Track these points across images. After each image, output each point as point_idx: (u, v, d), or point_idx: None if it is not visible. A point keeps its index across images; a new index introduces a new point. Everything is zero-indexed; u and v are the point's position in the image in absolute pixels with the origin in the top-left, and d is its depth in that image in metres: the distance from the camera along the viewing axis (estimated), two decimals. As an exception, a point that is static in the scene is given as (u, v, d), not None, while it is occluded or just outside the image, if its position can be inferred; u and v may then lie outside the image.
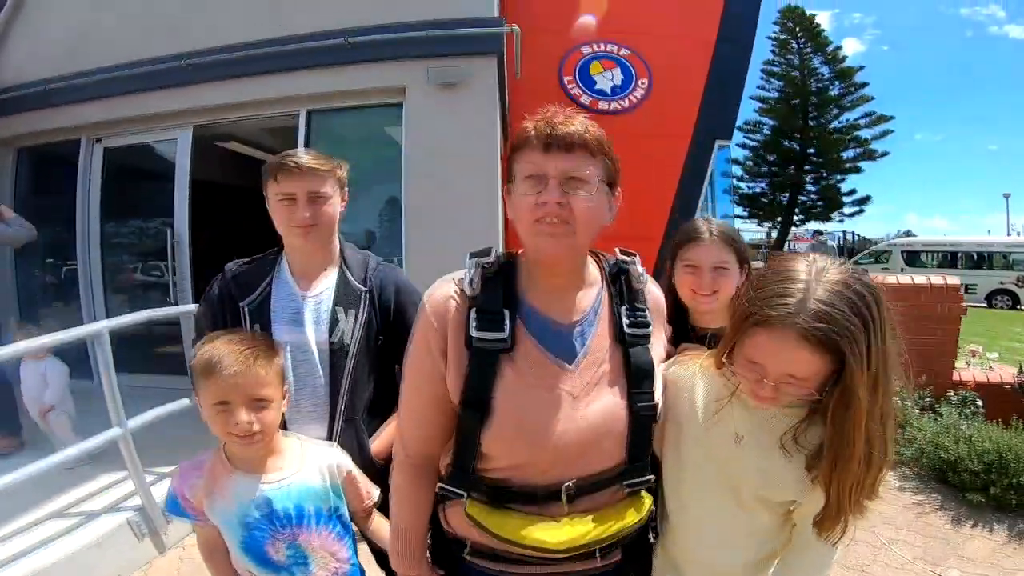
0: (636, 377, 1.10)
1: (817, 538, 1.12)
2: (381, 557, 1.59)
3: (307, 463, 1.40)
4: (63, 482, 2.81)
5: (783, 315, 0.94)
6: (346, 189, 1.70)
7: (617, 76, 6.84)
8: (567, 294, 1.14)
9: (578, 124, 1.04)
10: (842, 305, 0.92)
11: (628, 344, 1.12)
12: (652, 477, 1.17)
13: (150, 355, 5.02)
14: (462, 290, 1.10)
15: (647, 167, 6.53)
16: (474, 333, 1.05)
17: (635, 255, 1.20)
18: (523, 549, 1.03)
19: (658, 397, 1.13)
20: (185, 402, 3.16)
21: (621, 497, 1.12)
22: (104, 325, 2.80)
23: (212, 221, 5.74)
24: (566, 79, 6.75)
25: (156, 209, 5.41)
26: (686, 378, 1.22)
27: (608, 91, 6.80)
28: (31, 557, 2.51)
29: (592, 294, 1.16)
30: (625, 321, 1.13)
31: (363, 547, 1.58)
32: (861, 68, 21.77)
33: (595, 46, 6.86)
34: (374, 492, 1.50)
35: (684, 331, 1.60)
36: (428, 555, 1.23)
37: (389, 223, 4.84)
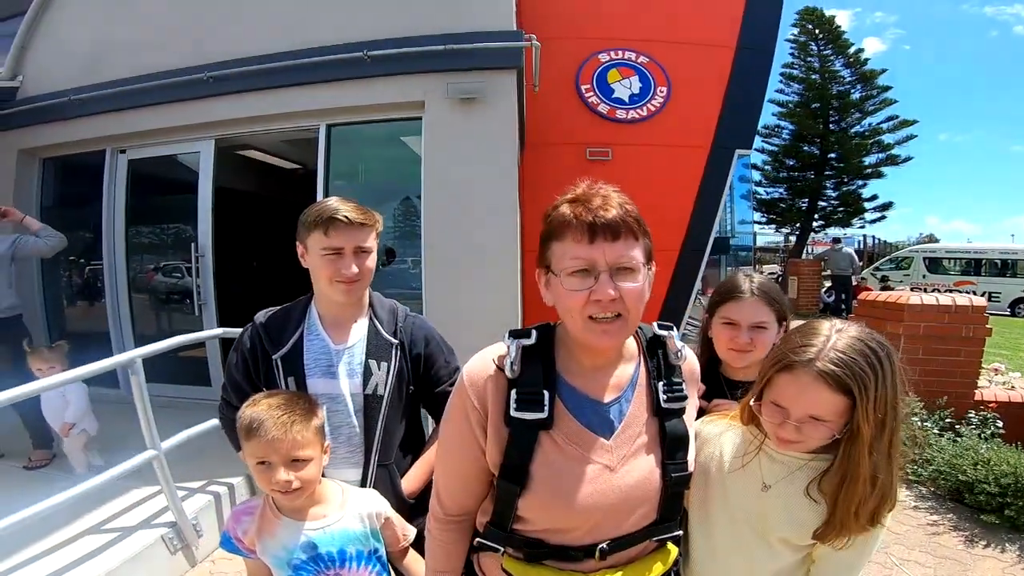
0: (671, 448, 1.13)
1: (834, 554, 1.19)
2: None
3: (348, 509, 1.48)
4: (97, 497, 2.87)
5: (805, 360, 1.07)
6: (379, 240, 1.72)
7: (635, 84, 6.79)
8: (606, 372, 1.14)
9: (617, 207, 1.02)
10: (855, 355, 1.06)
11: (664, 416, 1.14)
12: (680, 532, 1.21)
13: (171, 366, 5.05)
14: (501, 369, 1.10)
15: (665, 178, 6.49)
16: (514, 413, 1.07)
17: (672, 327, 1.21)
18: None
19: (691, 466, 1.16)
20: (214, 422, 3.20)
21: (650, 549, 1.17)
22: (137, 353, 2.86)
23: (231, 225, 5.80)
24: (583, 87, 6.73)
25: (180, 219, 5.49)
26: (715, 433, 1.31)
27: (626, 99, 6.76)
28: (76, 571, 2.60)
29: (630, 369, 1.17)
30: (663, 396, 1.14)
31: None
32: (884, 71, 21.17)
33: (613, 53, 6.82)
34: (409, 533, 1.58)
35: (717, 382, 1.63)
36: None
37: (409, 236, 4.87)
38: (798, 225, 22.87)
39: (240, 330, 1.72)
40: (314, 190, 4.77)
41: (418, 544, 1.52)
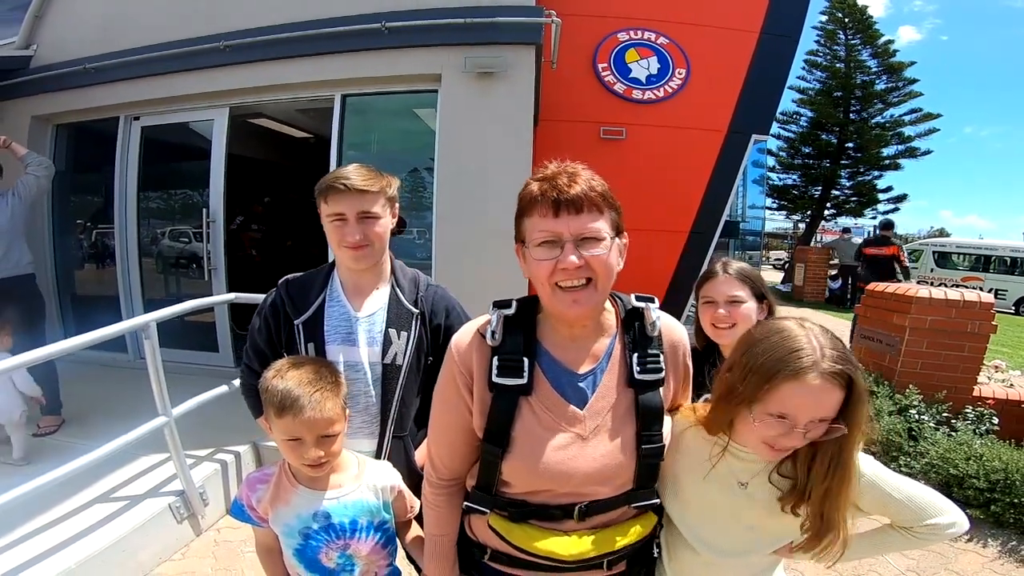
0: (645, 420, 1.15)
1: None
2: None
3: (364, 481, 1.48)
4: (104, 465, 2.82)
5: (809, 365, 1.04)
6: (396, 205, 1.70)
7: (653, 65, 6.71)
8: (583, 343, 1.19)
9: (583, 183, 1.07)
10: (842, 348, 1.07)
11: (638, 389, 1.16)
12: (658, 501, 1.24)
13: (178, 331, 5.11)
14: (484, 336, 1.16)
15: (679, 159, 6.44)
16: (496, 379, 1.13)
17: (652, 299, 1.23)
18: (537, 558, 1.14)
19: (666, 438, 1.19)
20: (222, 389, 3.26)
21: (630, 515, 1.21)
22: (152, 317, 2.84)
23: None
24: (600, 66, 6.65)
25: (192, 187, 5.52)
26: (677, 432, 1.27)
27: (643, 80, 6.68)
28: (84, 541, 2.61)
29: (606, 342, 1.20)
30: (636, 368, 1.16)
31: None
32: (912, 63, 20.58)
33: (632, 33, 6.73)
34: (416, 505, 1.58)
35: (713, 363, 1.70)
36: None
37: (420, 208, 4.88)
38: (809, 212, 22.56)
39: (254, 294, 1.74)
40: (327, 159, 4.78)
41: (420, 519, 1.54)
